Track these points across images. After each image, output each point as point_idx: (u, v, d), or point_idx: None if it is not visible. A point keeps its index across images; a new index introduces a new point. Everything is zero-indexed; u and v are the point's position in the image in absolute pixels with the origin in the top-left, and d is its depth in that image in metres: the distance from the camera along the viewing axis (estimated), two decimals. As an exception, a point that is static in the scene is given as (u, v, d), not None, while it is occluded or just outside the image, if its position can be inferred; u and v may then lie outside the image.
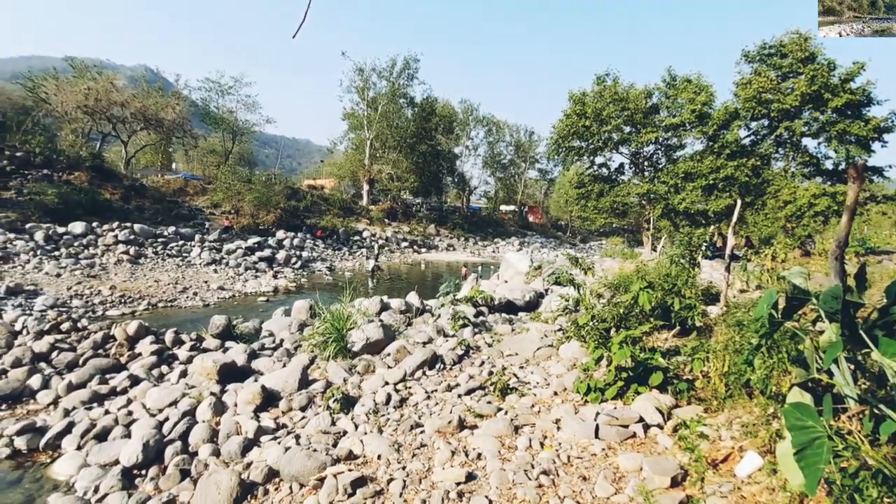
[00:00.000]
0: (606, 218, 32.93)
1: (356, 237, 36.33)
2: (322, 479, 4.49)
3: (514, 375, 6.86)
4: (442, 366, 7.49)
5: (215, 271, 21.61)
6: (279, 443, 5.51)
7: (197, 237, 25.98)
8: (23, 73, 45.40)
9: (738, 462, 3.94)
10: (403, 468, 4.64)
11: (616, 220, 35.34)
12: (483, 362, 7.66)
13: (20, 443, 6.04)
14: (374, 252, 32.82)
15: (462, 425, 5.35)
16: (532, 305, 12.04)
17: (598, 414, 5.15)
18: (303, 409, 6.41)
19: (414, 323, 10.59)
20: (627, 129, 30.56)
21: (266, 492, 4.64)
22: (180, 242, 24.70)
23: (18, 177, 26.20)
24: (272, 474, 4.82)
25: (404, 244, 38.89)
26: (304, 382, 6.98)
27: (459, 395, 6.35)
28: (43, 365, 8.23)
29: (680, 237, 11.13)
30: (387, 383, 6.85)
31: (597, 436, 4.82)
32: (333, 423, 5.85)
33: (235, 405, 6.52)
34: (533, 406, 5.83)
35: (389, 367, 7.52)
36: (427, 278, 26.49)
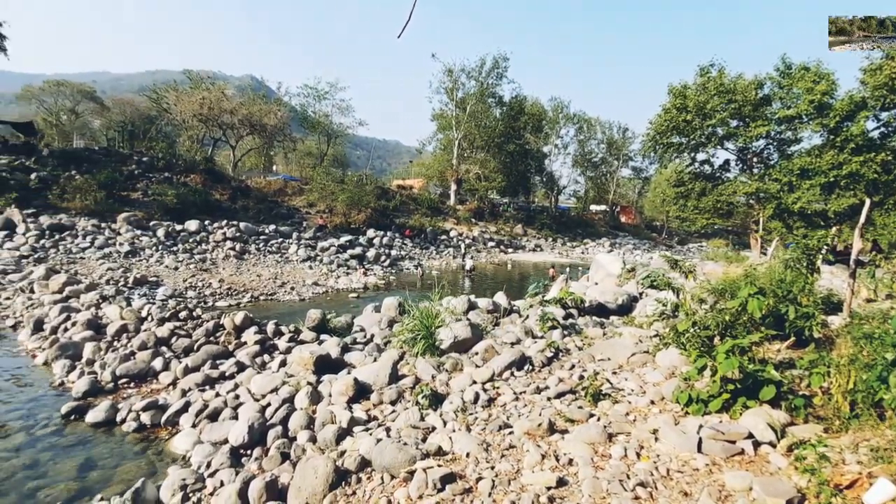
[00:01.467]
0: (708, 219, 30.89)
1: (443, 237, 36.78)
2: (412, 473, 4.55)
3: (607, 381, 6.60)
4: (530, 367, 7.36)
5: (310, 268, 22.73)
6: (370, 434, 5.66)
7: (294, 235, 27.52)
8: (148, 86, 50.50)
9: (866, 489, 3.52)
10: (492, 468, 4.60)
11: (719, 221, 33.05)
12: (573, 366, 7.44)
13: (145, 418, 6.70)
14: (461, 251, 33.06)
15: (552, 429, 5.22)
16: (625, 309, 11.55)
17: (700, 427, 4.81)
18: (393, 402, 6.56)
19: (501, 323, 10.52)
20: (734, 122, 28.49)
21: (359, 480, 4.78)
22: (279, 240, 26.30)
23: (144, 179, 29.11)
24: (364, 464, 4.95)
25: (491, 244, 38.84)
26: (394, 377, 7.14)
27: (549, 398, 6.21)
28: (164, 349, 9.05)
29: (795, 239, 10.18)
30: (475, 382, 6.84)
31: (699, 450, 4.50)
32: (422, 419, 5.94)
33: (330, 395, 6.79)
34: (627, 414, 5.56)
35: (477, 366, 7.50)
36: (513, 279, 26.27)
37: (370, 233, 31.48)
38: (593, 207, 71.97)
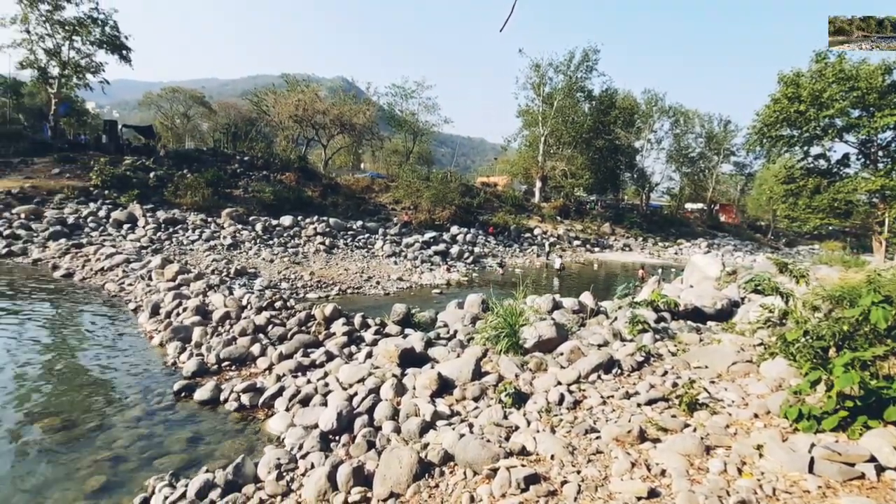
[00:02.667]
0: (822, 219, 28.13)
1: (527, 234, 36.35)
2: (495, 470, 4.51)
3: (704, 390, 6.19)
4: (619, 371, 7.07)
5: (395, 263, 23.30)
6: (453, 429, 5.69)
7: (380, 231, 28.36)
8: (250, 90, 54.06)
9: None
10: (578, 472, 4.46)
11: (835, 222, 30.07)
12: (666, 372, 7.06)
13: (245, 399, 7.19)
14: (545, 250, 32.50)
15: (643, 437, 4.97)
16: (724, 315, 10.78)
17: (813, 445, 4.37)
18: (475, 399, 6.55)
19: (587, 324, 10.20)
20: (856, 112, 25.72)
21: (442, 473, 4.82)
22: (366, 235, 27.22)
23: (245, 177, 31.23)
24: (447, 458, 4.98)
25: (576, 243, 37.87)
26: (477, 374, 7.13)
27: (639, 405, 5.93)
28: (261, 336, 9.63)
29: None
30: (559, 383, 6.68)
31: (811, 470, 4.09)
32: (505, 417, 5.88)
33: (414, 388, 6.91)
34: (727, 427, 5.18)
35: (562, 366, 7.32)
36: (600, 279, 25.45)
37: (454, 230, 31.76)
38: (689, 206, 67.80)
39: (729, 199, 70.99)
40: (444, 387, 6.86)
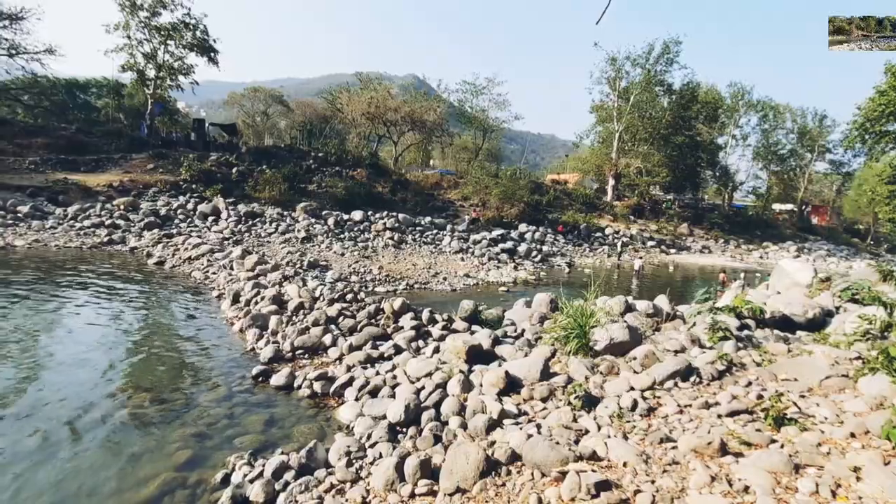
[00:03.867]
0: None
1: (598, 234, 35.36)
2: (564, 473, 4.41)
3: (794, 404, 5.75)
4: (697, 379, 6.71)
5: (462, 259, 23.34)
6: (521, 428, 5.62)
7: (448, 227, 28.52)
8: (325, 89, 55.92)
9: None
10: (652, 482, 4.28)
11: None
12: (750, 383, 6.62)
13: (317, 387, 7.44)
14: (617, 250, 31.48)
15: (724, 450, 4.69)
16: (816, 324, 9.98)
17: (922, 472, 3.96)
18: (543, 399, 6.43)
19: (663, 328, 9.76)
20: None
21: (509, 472, 4.77)
22: (434, 231, 27.44)
23: (319, 173, 32.36)
24: (514, 457, 4.93)
25: (651, 243, 36.40)
26: (546, 374, 7.00)
27: (719, 416, 5.60)
28: (333, 327, 9.93)
29: None
30: (632, 388, 6.43)
31: (920, 499, 3.71)
32: (575, 420, 5.74)
33: (481, 385, 6.88)
34: (819, 445, 4.79)
35: (636, 371, 7.05)
36: (675, 281, 24.35)
37: (522, 227, 31.42)
38: (776, 206, 63.17)
39: (822, 200, 65.85)
40: (512, 385, 6.79)
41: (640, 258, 28.33)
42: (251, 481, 5.04)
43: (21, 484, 5.03)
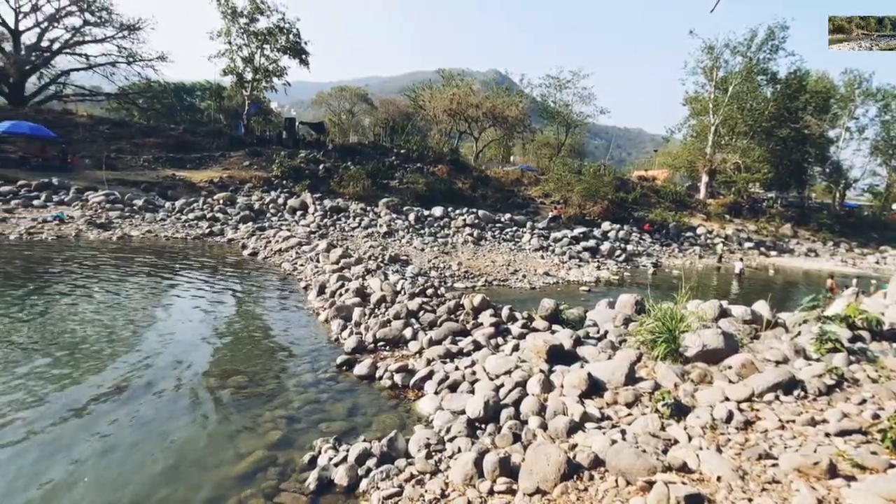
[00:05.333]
0: None
1: (688, 233, 33.48)
2: (650, 483, 4.21)
3: (919, 427, 5.13)
4: (802, 393, 6.15)
5: (542, 257, 22.96)
6: (604, 433, 5.43)
7: (528, 224, 28.13)
8: (408, 86, 56.98)
9: None
10: (749, 500, 4.00)
11: None
12: (864, 400, 5.98)
13: (398, 378, 7.62)
14: (716, 251, 29.61)
15: (833, 471, 4.27)
16: (945, 338, 8.86)
17: None
18: (628, 405, 6.17)
19: (762, 336, 9.06)
20: None
21: (591, 477, 4.64)
22: (514, 228, 27.19)
23: (400, 169, 33.03)
24: (597, 462, 4.79)
25: (748, 245, 33.97)
26: (631, 378, 6.71)
27: (827, 434, 5.11)
28: (413, 321, 10.09)
29: None
30: (727, 399, 6.01)
31: None
32: (663, 428, 5.46)
33: (562, 386, 6.71)
34: (950, 474, 4.24)
35: (731, 381, 6.58)
36: (776, 286, 22.58)
37: (605, 225, 30.37)
38: (896, 206, 56.71)
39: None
40: (594, 388, 6.57)
41: (741, 260, 26.54)
42: (336, 465, 5.25)
43: (132, 453, 5.52)
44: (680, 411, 5.80)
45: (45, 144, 26.53)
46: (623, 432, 5.44)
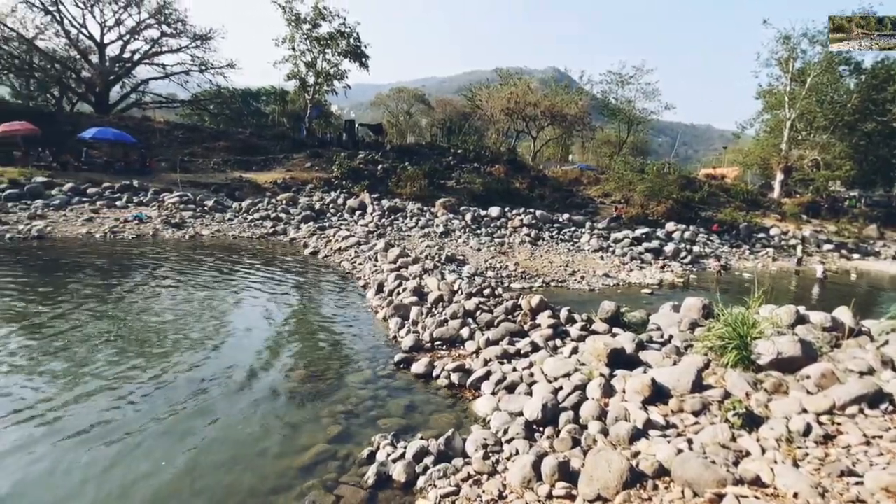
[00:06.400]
0: None
1: (760, 234, 31.66)
2: (720, 496, 4.02)
3: None
4: (890, 408, 5.67)
5: (601, 258, 22.38)
6: (668, 441, 5.23)
7: (587, 224, 27.49)
8: (465, 86, 57.06)
9: None
10: (832, 520, 3.70)
11: None
12: (965, 417, 5.46)
13: (454, 378, 7.63)
14: (796, 254, 27.81)
15: (931, 495, 3.90)
16: None
17: None
18: (695, 413, 5.89)
19: (843, 345, 8.43)
20: None
21: (655, 487, 4.46)
22: (572, 229, 26.64)
23: (457, 169, 33.10)
24: (662, 471, 4.60)
25: (827, 247, 31.73)
26: (698, 386, 6.41)
27: (921, 453, 4.69)
28: (470, 320, 10.08)
29: None
30: (805, 411, 5.63)
31: None
32: (733, 439, 5.18)
33: (623, 391, 6.51)
34: None
35: (809, 392, 6.16)
36: (859, 291, 21.02)
37: (669, 226, 29.21)
38: None
39: None
40: (658, 394, 6.32)
41: (823, 263, 24.88)
42: (394, 461, 5.32)
43: (202, 441, 5.81)
44: (752, 422, 5.48)
45: (127, 149, 28.38)
46: (689, 441, 5.22)
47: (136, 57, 41.58)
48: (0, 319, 9.22)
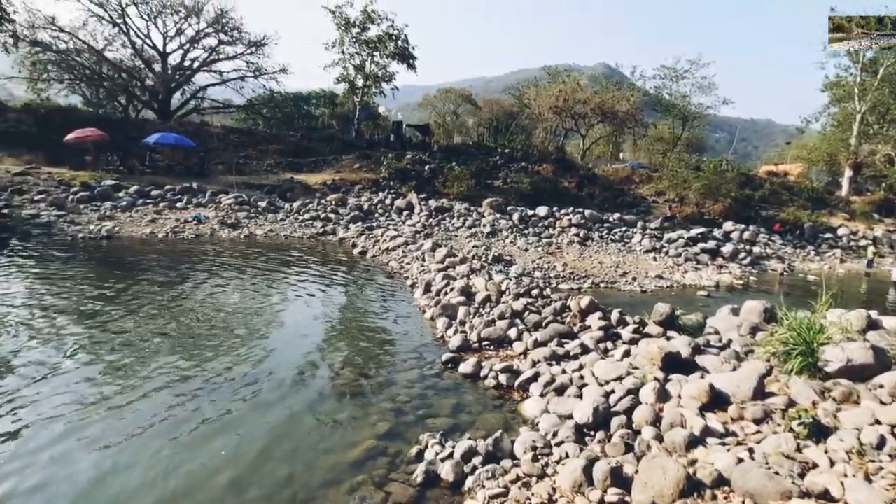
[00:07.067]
0: None
1: (827, 234, 29.91)
2: (786, 511, 3.80)
3: None
4: (979, 421, 5.24)
5: (654, 259, 21.73)
6: (728, 450, 5.02)
7: (639, 224, 26.73)
8: (513, 85, 56.61)
9: None
10: (911, 542, 3.44)
11: None
12: None
13: (502, 378, 7.60)
14: (867, 256, 26.06)
15: None
16: None
17: None
18: (756, 421, 5.62)
19: (922, 352, 7.85)
20: None
21: (713, 497, 4.33)
22: (623, 228, 25.98)
23: (504, 169, 32.86)
24: (721, 481, 4.44)
25: (901, 247, 29.67)
26: (760, 393, 6.11)
27: None
28: (518, 321, 9.99)
29: None
30: (878, 422, 5.27)
31: None
32: (799, 450, 4.91)
33: (679, 397, 6.28)
34: None
35: (883, 402, 5.76)
36: (935, 296, 19.58)
37: (727, 225, 28.00)
38: None
39: None
40: (717, 401, 6.07)
41: (868, 265, 23.34)
42: (442, 460, 5.33)
43: (259, 432, 6.01)
44: (819, 432, 5.19)
45: (186, 153, 29.68)
46: (751, 451, 4.99)
47: (196, 65, 43.42)
48: (74, 315, 9.81)
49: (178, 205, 22.95)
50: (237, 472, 5.25)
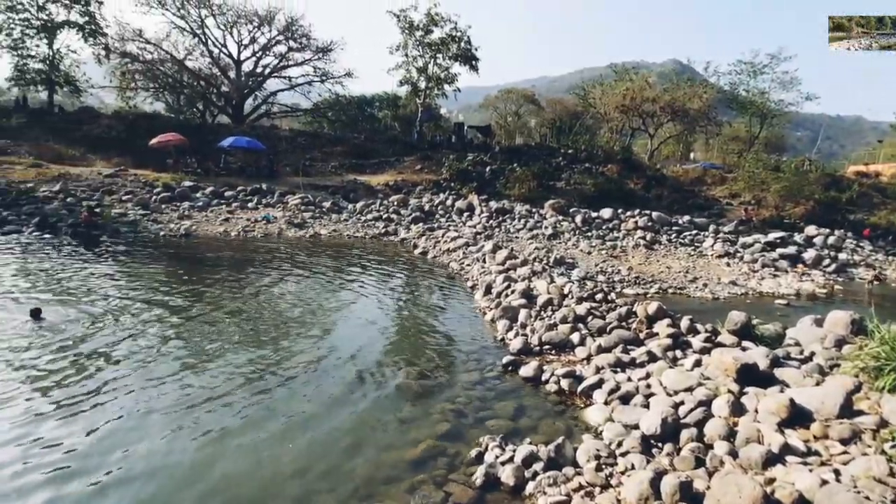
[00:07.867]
0: None
1: (924, 240, 27.41)
2: (879, 542, 3.47)
3: None
4: None
5: (727, 265, 20.64)
6: (810, 470, 4.67)
7: (711, 228, 25.51)
8: (577, 84, 55.48)
9: None
10: None
11: None
12: None
13: (564, 384, 7.43)
14: None
15: None
16: None
17: None
18: (843, 441, 5.21)
19: None
20: None
21: (796, 522, 3.99)
22: (693, 232, 24.84)
23: (567, 170, 32.24)
24: (802, 502, 4.12)
25: None
26: (847, 410, 5.65)
27: None
28: (580, 325, 9.75)
29: None
30: None
31: None
32: (892, 474, 4.49)
33: (756, 411, 5.91)
34: None
35: None
36: None
37: (810, 230, 26.18)
38: None
39: None
40: (797, 417, 5.66)
41: None
42: (502, 464, 5.28)
43: (323, 428, 6.21)
44: (917, 457, 4.73)
45: (257, 155, 31.09)
46: (836, 472, 4.63)
47: (267, 71, 45.52)
48: (165, 308, 10.40)
49: (249, 205, 24.06)
50: (308, 462, 5.47)
